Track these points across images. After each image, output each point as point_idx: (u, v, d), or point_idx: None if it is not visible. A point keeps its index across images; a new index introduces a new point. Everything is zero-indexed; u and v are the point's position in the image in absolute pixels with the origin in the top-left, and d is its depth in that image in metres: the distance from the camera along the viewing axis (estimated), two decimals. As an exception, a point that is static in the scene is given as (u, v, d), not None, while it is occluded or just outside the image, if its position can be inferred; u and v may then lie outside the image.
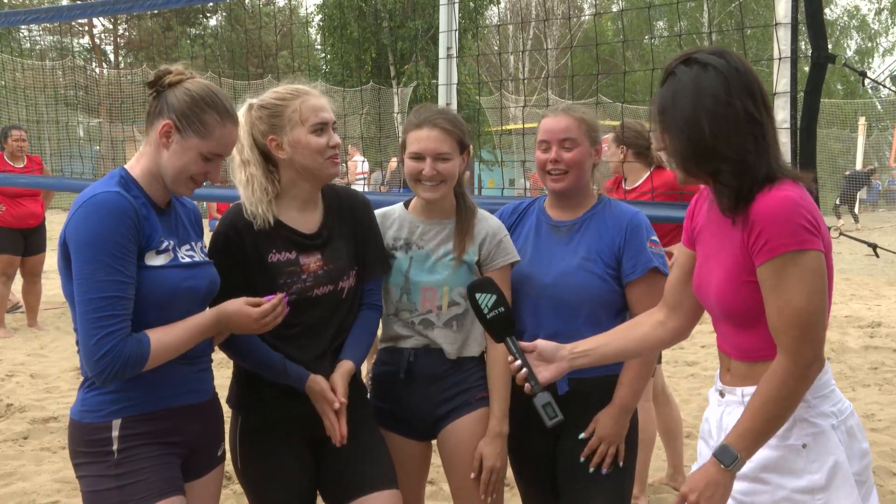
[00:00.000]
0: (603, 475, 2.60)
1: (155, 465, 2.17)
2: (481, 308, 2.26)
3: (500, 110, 21.32)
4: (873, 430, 5.51)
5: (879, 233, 19.24)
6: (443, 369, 2.65)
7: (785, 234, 1.84)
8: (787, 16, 3.27)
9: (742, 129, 1.89)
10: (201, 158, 2.19)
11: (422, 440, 2.73)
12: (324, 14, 24.17)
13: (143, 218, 2.13)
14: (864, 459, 2.01)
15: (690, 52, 1.97)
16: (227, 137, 2.23)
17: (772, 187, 1.88)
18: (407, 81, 22.66)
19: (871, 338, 8.39)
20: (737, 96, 1.89)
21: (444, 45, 5.16)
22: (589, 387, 2.60)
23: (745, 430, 1.87)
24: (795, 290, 1.84)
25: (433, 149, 2.59)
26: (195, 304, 2.25)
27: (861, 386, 6.68)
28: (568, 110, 2.68)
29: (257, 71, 26.38)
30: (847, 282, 12.41)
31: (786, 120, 3.23)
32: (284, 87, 2.54)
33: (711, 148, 1.89)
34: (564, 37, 34.61)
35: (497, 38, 33.16)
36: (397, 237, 2.70)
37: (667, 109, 1.96)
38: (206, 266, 2.32)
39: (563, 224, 2.72)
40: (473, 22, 23.24)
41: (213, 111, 2.19)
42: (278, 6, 36.82)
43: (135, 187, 2.19)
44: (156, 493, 2.15)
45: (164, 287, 2.15)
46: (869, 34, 41.91)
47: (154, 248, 2.15)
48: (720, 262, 1.99)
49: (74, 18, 14.96)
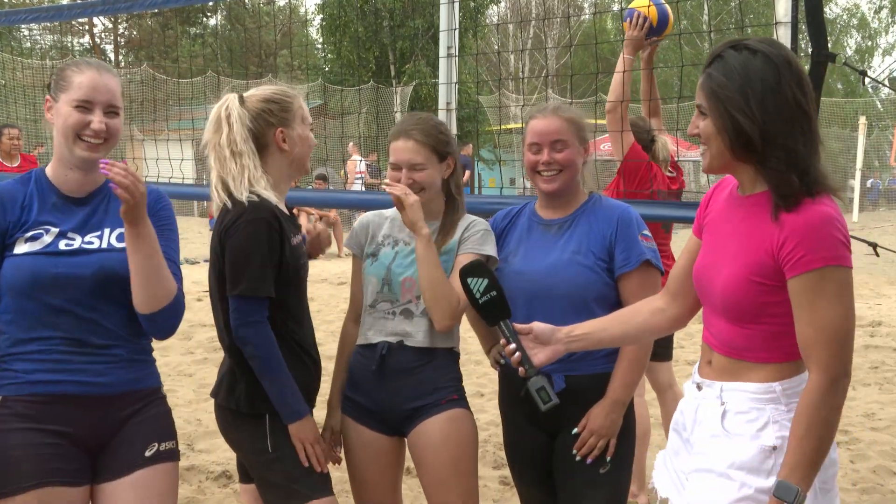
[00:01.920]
0: (599, 472, 2.61)
1: (27, 453, 2.14)
2: (473, 292, 2.25)
3: (500, 109, 21.31)
4: (873, 429, 5.52)
5: (880, 232, 19.21)
6: (414, 364, 2.67)
7: (824, 249, 1.83)
8: (788, 14, 3.27)
9: (791, 117, 1.87)
10: (74, 110, 2.24)
11: (393, 435, 2.75)
12: (325, 14, 24.15)
13: (18, 207, 2.24)
14: (831, 469, 1.98)
15: (739, 39, 1.95)
16: (86, 81, 2.26)
17: (814, 199, 1.86)
18: (407, 80, 22.65)
19: (871, 337, 8.39)
20: (786, 84, 1.87)
21: (445, 44, 5.15)
22: (586, 384, 2.62)
23: (799, 461, 1.84)
24: (832, 305, 1.84)
25: (407, 160, 2.69)
26: (80, 290, 2.22)
27: (861, 385, 6.67)
28: (557, 111, 2.69)
29: (257, 70, 26.40)
30: (847, 281, 12.38)
31: (786, 119, 3.23)
32: (277, 86, 2.68)
33: (762, 132, 1.86)
34: (564, 36, 34.59)
35: (497, 37, 33.17)
36: (387, 234, 2.80)
37: (715, 92, 1.91)
38: (102, 252, 2.27)
39: (554, 222, 2.74)
40: (474, 21, 23.23)
41: (71, 67, 2.30)
42: (278, 5, 36.83)
43: (37, 180, 2.31)
44: (26, 481, 2.11)
45: (23, 273, 2.20)
46: (869, 33, 41.91)
47: (21, 235, 2.22)
48: (734, 256, 1.97)
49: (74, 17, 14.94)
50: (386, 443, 2.74)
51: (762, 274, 1.91)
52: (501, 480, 4.35)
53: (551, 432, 2.70)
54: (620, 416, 2.62)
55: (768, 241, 1.89)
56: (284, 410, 2.47)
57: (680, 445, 2.16)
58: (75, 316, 2.21)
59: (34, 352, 2.17)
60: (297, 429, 2.49)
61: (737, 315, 1.98)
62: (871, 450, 5.08)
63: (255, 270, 2.44)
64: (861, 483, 4.55)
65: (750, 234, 1.95)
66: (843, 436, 5.32)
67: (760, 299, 1.92)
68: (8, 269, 2.20)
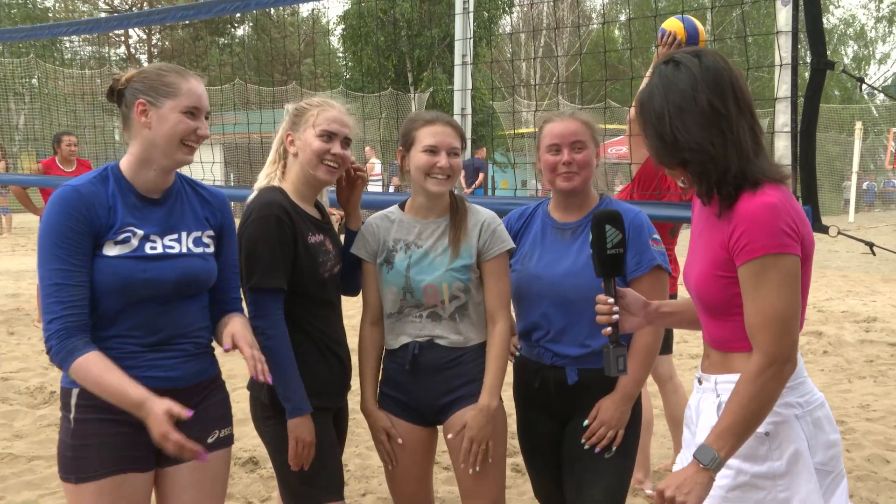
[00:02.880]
0: (604, 459, 2.60)
1: (106, 442, 2.15)
2: (606, 240, 2.15)
3: (513, 115, 21.28)
4: (868, 419, 5.49)
5: (875, 231, 19.10)
6: (445, 361, 2.66)
7: (765, 237, 1.83)
8: (788, 24, 3.25)
9: (706, 122, 1.88)
10: (183, 115, 2.19)
11: (427, 426, 2.75)
12: (346, 24, 24.20)
13: (106, 209, 2.15)
14: (832, 450, 1.98)
15: (674, 54, 1.98)
16: (194, 89, 2.22)
17: (755, 191, 1.87)
18: (424, 87, 22.65)
19: (866, 332, 8.34)
20: (702, 91, 1.88)
21: (460, 52, 5.17)
22: (597, 377, 2.59)
23: (723, 430, 1.86)
24: (773, 291, 1.84)
25: (448, 143, 2.64)
26: (159, 295, 2.21)
27: (857, 378, 6.65)
28: (574, 115, 2.69)
29: (282, 78, 26.44)
30: (844, 278, 12.32)
31: (786, 124, 3.21)
32: (319, 98, 2.66)
33: (673, 139, 1.90)
34: (574, 44, 34.47)
35: (510, 45, 33.10)
36: (397, 239, 2.72)
37: (643, 105, 1.98)
38: (185, 258, 2.26)
39: (568, 226, 2.71)
40: (487, 30, 23.19)
41: (171, 73, 2.22)
42: (302, 16, 36.87)
43: (116, 180, 2.21)
44: (105, 468, 2.14)
45: (115, 277, 2.14)
46: (866, 41, 41.70)
47: (112, 238, 2.16)
48: (701, 255, 2.00)
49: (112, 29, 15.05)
50: (421, 434, 2.74)
51: (722, 268, 1.92)
52: (514, 468, 4.35)
53: (562, 421, 2.70)
54: (629, 408, 2.62)
55: (721, 236, 1.92)
56: (286, 405, 2.46)
57: (690, 439, 2.16)
58: (152, 315, 2.21)
59: (111, 348, 2.16)
60: (296, 425, 2.46)
61: (712, 309, 2.00)
62: (865, 439, 5.06)
63: (266, 263, 2.44)
64: (856, 471, 4.54)
65: (709, 232, 1.97)
66: (839, 426, 5.28)
67: (727, 292, 1.93)
68: (99, 271, 2.14)
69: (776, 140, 3.26)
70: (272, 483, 4.20)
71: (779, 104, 3.23)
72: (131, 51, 39.71)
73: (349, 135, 2.61)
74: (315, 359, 2.54)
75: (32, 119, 22.72)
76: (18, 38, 9.44)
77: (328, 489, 2.55)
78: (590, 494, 2.60)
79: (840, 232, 3.14)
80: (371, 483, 4.29)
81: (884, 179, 29.39)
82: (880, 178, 29.27)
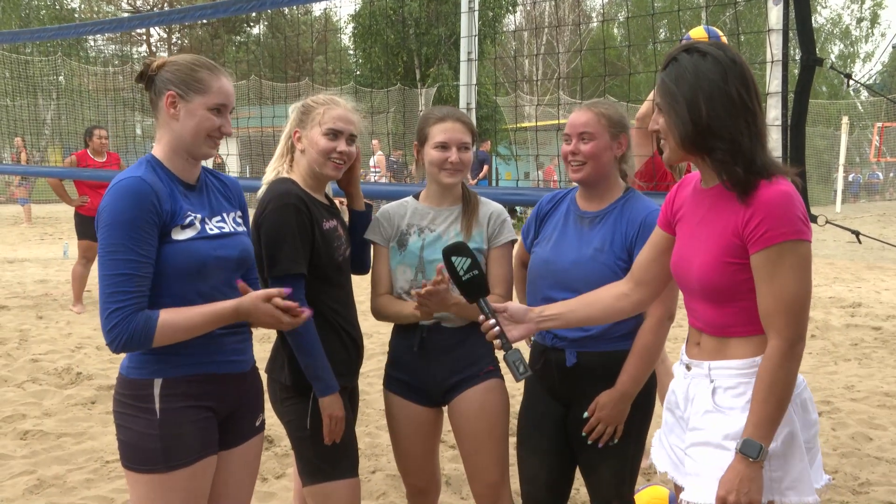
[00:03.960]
0: (609, 444, 2.56)
1: (194, 428, 2.14)
2: (457, 270, 2.22)
3: (516, 109, 21.21)
4: (853, 399, 5.48)
5: (860, 222, 19.04)
6: (452, 342, 2.66)
7: (784, 224, 1.82)
8: (779, 22, 3.23)
9: (736, 112, 1.87)
10: (210, 113, 2.16)
11: (433, 406, 2.75)
12: (357, 23, 24.10)
13: (168, 196, 2.10)
14: (813, 428, 2.00)
15: (691, 43, 1.95)
16: (224, 87, 2.19)
17: (770, 181, 1.86)
18: (431, 83, 22.58)
19: (851, 317, 8.33)
20: (732, 83, 1.87)
21: (465, 49, 5.14)
22: (595, 360, 2.58)
23: (760, 420, 1.84)
24: (791, 277, 1.83)
25: (458, 139, 2.65)
26: (228, 271, 2.20)
27: (843, 360, 6.64)
28: (591, 106, 2.61)
29: (295, 74, 26.41)
30: (831, 266, 12.29)
31: (778, 118, 3.19)
32: (326, 95, 2.64)
33: (707, 127, 1.87)
34: (575, 42, 34.31)
35: (513, 43, 32.97)
36: (411, 223, 2.74)
37: (669, 91, 1.92)
38: (237, 236, 2.26)
39: (588, 215, 2.65)
40: (492, 28, 23.08)
41: (203, 69, 2.17)
42: (315, 15, 36.75)
43: (161, 169, 2.16)
44: (195, 453, 2.13)
45: (194, 258, 2.11)
46: (850, 40, 41.61)
47: (179, 223, 2.11)
48: (706, 243, 1.96)
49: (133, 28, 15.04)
50: (428, 414, 2.74)
51: (732, 254, 1.90)
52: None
53: (565, 403, 2.66)
54: (627, 406, 2.54)
55: (733, 224, 1.89)
56: (318, 385, 2.47)
57: (674, 423, 2.15)
58: (222, 297, 2.17)
59: (195, 341, 2.12)
60: (329, 403, 2.47)
61: (716, 296, 1.96)
62: (850, 418, 5.05)
63: (288, 251, 2.44)
64: (841, 448, 4.53)
65: (717, 221, 1.94)
66: (824, 406, 5.29)
67: (735, 278, 1.91)
68: (175, 255, 2.09)
69: (768, 133, 3.24)
70: (286, 460, 4.22)
71: (770, 99, 3.21)
72: (152, 49, 39.66)
73: (354, 131, 2.60)
74: (331, 339, 2.54)
75: (59, 115, 22.74)
76: (46, 38, 9.45)
77: (344, 466, 2.55)
78: (599, 475, 2.59)
79: (828, 221, 3.12)
80: (381, 461, 4.30)
81: (868, 172, 29.25)
82: (865, 171, 29.15)
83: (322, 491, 2.53)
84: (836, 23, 41.53)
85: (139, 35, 37.00)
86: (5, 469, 4.13)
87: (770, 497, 1.90)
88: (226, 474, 2.29)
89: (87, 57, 30.46)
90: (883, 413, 5.19)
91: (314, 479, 2.54)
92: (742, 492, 1.82)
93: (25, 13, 34.25)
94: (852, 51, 41.99)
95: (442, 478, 3.45)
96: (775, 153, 3.19)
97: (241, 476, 2.33)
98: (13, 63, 22.24)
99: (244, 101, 17.49)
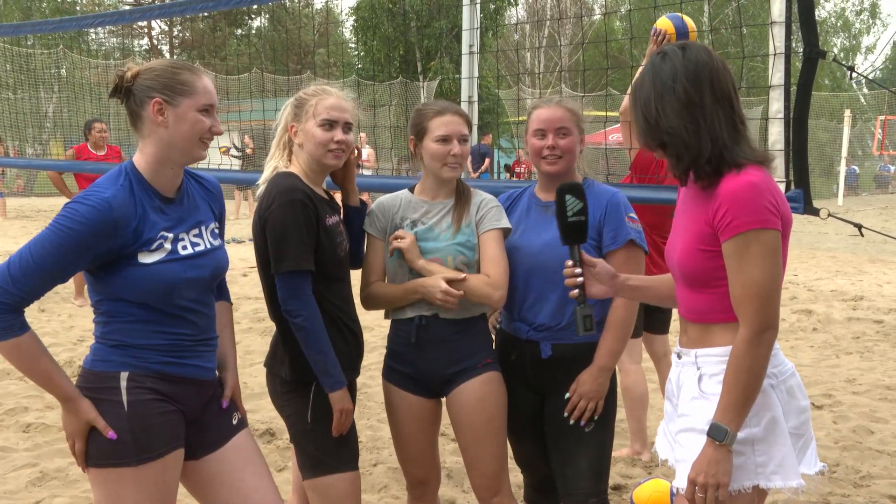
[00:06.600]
0: (586, 432, 2.62)
1: (162, 420, 2.12)
2: (566, 209, 2.19)
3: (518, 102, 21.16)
4: (854, 393, 5.48)
5: (862, 214, 19.01)
6: (450, 334, 2.67)
7: (748, 214, 1.87)
8: (782, 15, 3.22)
9: (681, 108, 1.94)
10: (200, 114, 2.12)
11: (432, 398, 2.76)
12: (358, 15, 24.07)
13: (135, 217, 2.06)
14: (803, 415, 2.04)
15: (666, 47, 2.04)
16: (209, 87, 2.16)
17: (739, 171, 1.91)
18: (433, 76, 22.55)
19: (853, 310, 8.31)
20: (680, 82, 1.94)
21: (467, 42, 5.13)
22: (572, 352, 2.63)
23: (727, 405, 1.89)
24: (757, 265, 1.87)
25: (458, 131, 2.67)
26: (199, 291, 2.20)
27: (844, 354, 6.64)
28: (561, 103, 2.72)
29: (296, 67, 26.35)
30: (833, 259, 12.28)
31: (780, 111, 3.18)
32: (317, 86, 2.63)
33: (655, 122, 1.97)
34: (576, 35, 34.23)
35: (515, 36, 32.89)
36: (404, 217, 2.74)
37: (633, 92, 2.06)
38: (212, 253, 2.24)
39: (551, 204, 2.65)
40: (494, 21, 23.05)
41: (184, 71, 2.14)
42: (316, 8, 36.68)
43: (138, 183, 2.11)
44: (165, 444, 2.12)
45: (162, 281, 2.09)
46: (852, 34, 41.58)
47: (146, 248, 2.08)
48: (685, 230, 2.03)
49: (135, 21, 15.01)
50: (427, 405, 2.75)
51: (706, 242, 1.96)
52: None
53: (540, 394, 2.72)
54: (607, 380, 2.63)
55: (705, 213, 1.95)
56: (327, 380, 2.46)
57: (672, 411, 2.19)
58: (194, 311, 2.18)
59: (161, 345, 2.13)
60: (339, 398, 2.48)
61: (693, 282, 2.02)
62: (851, 412, 5.05)
63: (296, 247, 2.43)
64: (842, 441, 4.53)
65: (694, 210, 2.01)
66: (826, 399, 5.29)
67: (709, 265, 1.96)
68: (142, 279, 2.07)
69: (770, 126, 3.23)
70: (287, 454, 4.22)
71: (773, 92, 3.20)
72: (154, 42, 39.65)
73: (349, 119, 2.59)
74: (332, 333, 2.53)
75: (61, 107, 22.73)
76: (48, 30, 9.45)
77: (345, 459, 2.55)
78: (576, 466, 2.63)
79: (830, 214, 3.11)
80: (382, 454, 4.30)
81: (880, 164, 29.23)
82: (868, 164, 29.11)
83: (323, 484, 2.54)
84: (839, 16, 41.49)
85: (141, 28, 36.99)
86: (8, 462, 4.14)
87: (755, 482, 1.93)
88: (238, 468, 2.29)
89: (88, 49, 30.42)
90: (884, 406, 5.19)
91: (315, 473, 2.55)
92: (710, 473, 1.88)
93: (27, 5, 34.22)
94: (854, 44, 41.98)
95: (443, 470, 3.46)
96: (777, 146, 3.18)
97: (258, 467, 2.34)
98: (15, 56, 22.22)
99: (246, 94, 17.46)
